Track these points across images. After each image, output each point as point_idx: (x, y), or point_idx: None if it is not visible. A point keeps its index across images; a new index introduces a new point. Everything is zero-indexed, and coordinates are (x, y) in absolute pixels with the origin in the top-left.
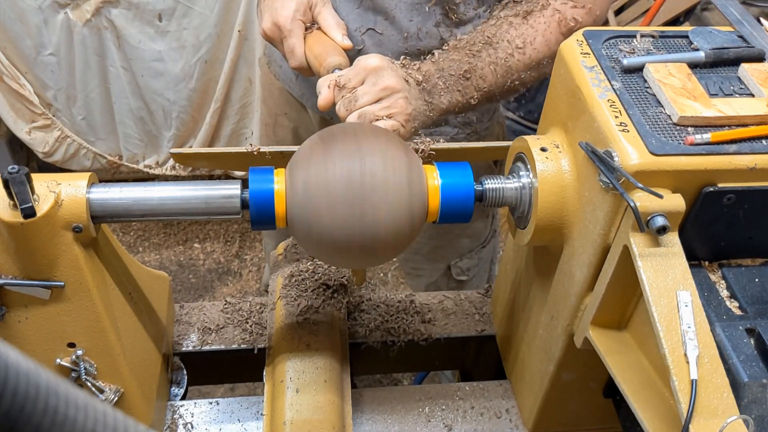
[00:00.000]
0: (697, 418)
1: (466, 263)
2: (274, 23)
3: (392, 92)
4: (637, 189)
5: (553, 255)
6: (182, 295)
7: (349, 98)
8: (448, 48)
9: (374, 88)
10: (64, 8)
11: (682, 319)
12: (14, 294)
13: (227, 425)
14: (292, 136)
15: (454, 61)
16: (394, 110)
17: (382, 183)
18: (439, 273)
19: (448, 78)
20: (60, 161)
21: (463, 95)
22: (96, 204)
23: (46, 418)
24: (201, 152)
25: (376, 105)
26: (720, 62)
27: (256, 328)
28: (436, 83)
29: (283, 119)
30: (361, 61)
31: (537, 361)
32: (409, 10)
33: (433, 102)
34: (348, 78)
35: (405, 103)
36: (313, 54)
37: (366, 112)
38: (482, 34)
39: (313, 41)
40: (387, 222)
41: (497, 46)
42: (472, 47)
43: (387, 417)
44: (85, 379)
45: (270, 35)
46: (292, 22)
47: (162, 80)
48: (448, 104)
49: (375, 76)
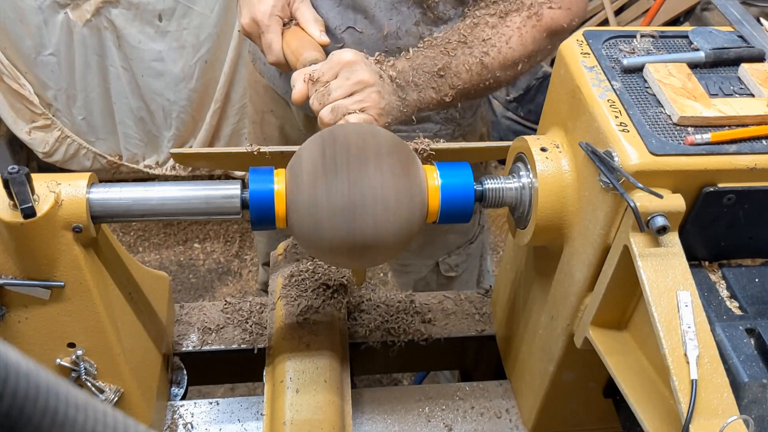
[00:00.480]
0: (697, 418)
1: (454, 259)
2: (252, 18)
3: (365, 86)
4: (637, 189)
5: (553, 255)
6: (182, 295)
7: (322, 92)
8: (423, 45)
9: (347, 82)
10: (64, 8)
11: (682, 319)
12: (14, 294)
13: (227, 425)
14: (279, 133)
15: (428, 58)
16: (367, 104)
17: (382, 184)
18: (427, 269)
19: (422, 75)
20: (60, 161)
21: (437, 92)
22: (96, 204)
23: (46, 418)
24: (201, 152)
25: (349, 99)
26: (720, 62)
27: (256, 328)
28: (409, 80)
29: (270, 116)
30: (335, 55)
31: (537, 361)
32: (388, 9)
33: (406, 98)
34: (322, 72)
35: (378, 98)
36: (291, 49)
37: (339, 105)
38: (458, 33)
39: (291, 37)
40: (387, 223)
41: (473, 44)
42: (447, 45)
43: (387, 417)
44: (85, 379)
45: (248, 30)
46: (270, 18)
47: (162, 80)
48: (422, 101)
49: (348, 70)
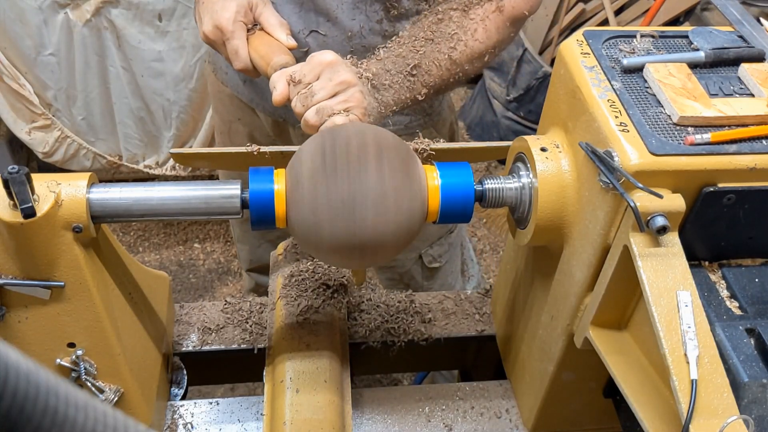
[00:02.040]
0: (697, 418)
1: (436, 250)
2: (215, 26)
3: (348, 86)
4: (637, 189)
5: (553, 255)
6: (182, 295)
7: (305, 93)
8: (392, 45)
9: (330, 82)
10: (64, 8)
11: (682, 319)
12: (14, 294)
13: (227, 425)
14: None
15: (400, 58)
16: (351, 104)
17: (382, 183)
18: (411, 262)
19: (396, 76)
20: (60, 161)
21: (411, 92)
22: (96, 204)
23: (46, 418)
24: (201, 152)
25: (333, 99)
26: (720, 62)
27: (256, 328)
28: (384, 83)
29: (238, 125)
30: (316, 57)
31: (537, 361)
32: (351, 9)
33: (383, 99)
34: (303, 73)
35: (361, 97)
36: (259, 54)
37: (323, 106)
38: (424, 30)
39: (258, 42)
40: (387, 223)
41: (440, 41)
42: (415, 43)
43: (387, 417)
44: (85, 379)
45: (212, 38)
46: (234, 24)
47: (162, 80)
48: (397, 102)
49: (331, 71)
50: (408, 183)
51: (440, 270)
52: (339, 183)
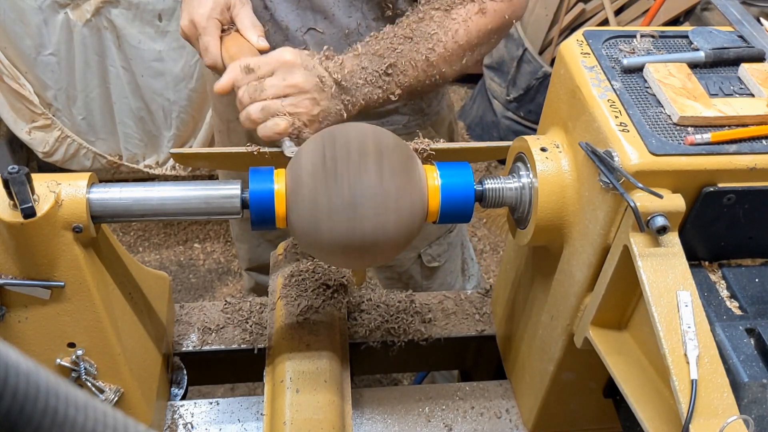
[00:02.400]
0: (697, 418)
1: (435, 249)
2: (190, 20)
3: (299, 92)
4: (637, 189)
5: (553, 255)
6: (182, 295)
7: (255, 86)
8: (370, 40)
9: (282, 82)
10: (64, 8)
11: (682, 319)
12: (14, 294)
13: (227, 425)
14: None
15: (376, 56)
16: (299, 110)
17: (382, 184)
18: (410, 262)
19: (370, 74)
20: (60, 161)
21: (384, 91)
22: (96, 204)
23: (46, 418)
24: (201, 152)
25: (281, 101)
26: (720, 62)
27: (256, 328)
28: (357, 81)
29: (236, 124)
30: (276, 53)
31: (537, 361)
32: (347, 7)
33: (351, 100)
34: (258, 65)
35: (311, 105)
36: (229, 54)
37: (269, 106)
38: (404, 28)
39: (231, 42)
40: (387, 223)
41: (419, 40)
42: (394, 40)
43: (387, 417)
44: (85, 379)
45: (187, 33)
46: (208, 20)
47: (162, 80)
48: (368, 100)
49: (285, 71)
50: (408, 183)
51: (439, 269)
52: (339, 183)
